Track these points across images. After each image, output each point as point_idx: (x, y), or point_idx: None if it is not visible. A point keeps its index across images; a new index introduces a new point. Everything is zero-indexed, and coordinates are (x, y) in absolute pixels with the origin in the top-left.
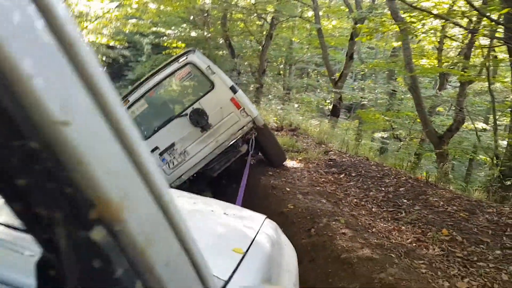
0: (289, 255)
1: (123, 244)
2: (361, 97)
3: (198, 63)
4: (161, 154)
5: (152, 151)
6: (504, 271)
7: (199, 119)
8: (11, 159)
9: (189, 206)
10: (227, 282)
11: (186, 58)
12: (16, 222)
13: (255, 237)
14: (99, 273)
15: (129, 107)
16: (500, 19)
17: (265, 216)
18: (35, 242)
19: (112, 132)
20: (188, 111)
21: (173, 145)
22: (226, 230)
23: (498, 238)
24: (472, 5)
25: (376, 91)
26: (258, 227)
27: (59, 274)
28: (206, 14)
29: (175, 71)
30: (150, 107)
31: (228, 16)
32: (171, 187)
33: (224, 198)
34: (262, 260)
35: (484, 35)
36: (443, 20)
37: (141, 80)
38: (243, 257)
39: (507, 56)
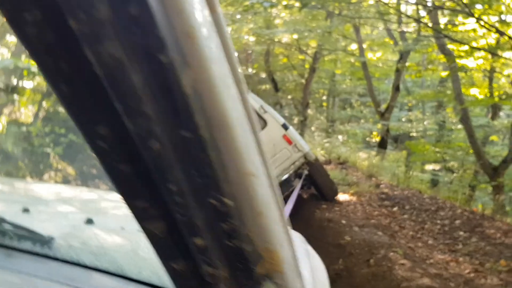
0: (320, 268)
1: None
2: (410, 128)
3: (252, 103)
4: None
5: None
6: None
7: None
8: (200, 218)
9: None
10: None
11: None
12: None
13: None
14: None
15: None
16: None
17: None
18: None
19: (270, 179)
20: None
21: None
22: None
23: None
24: None
25: (425, 122)
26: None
27: None
28: (250, 52)
29: None
30: None
31: (270, 51)
32: None
33: None
34: (307, 276)
35: None
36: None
37: None
38: None
39: None
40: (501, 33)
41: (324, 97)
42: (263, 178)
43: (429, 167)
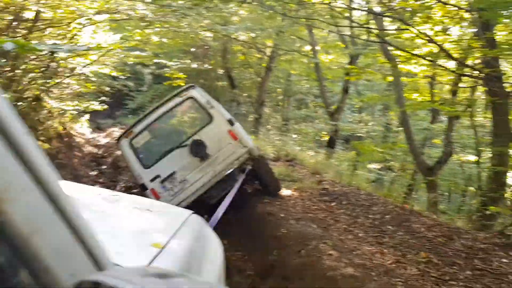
0: (214, 249)
1: (5, 234)
2: (358, 129)
3: (198, 98)
4: (162, 182)
5: (154, 179)
6: None
7: (199, 150)
8: None
9: (111, 203)
10: None
11: (188, 93)
12: None
13: (176, 232)
14: None
15: (133, 138)
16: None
17: (191, 212)
18: None
19: None
20: (189, 142)
21: (173, 173)
22: (147, 225)
23: (470, 261)
24: (451, 56)
25: (371, 123)
26: (181, 222)
27: None
28: (207, 47)
29: (177, 105)
30: (153, 138)
31: (228, 48)
32: None
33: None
34: (180, 253)
35: (466, 76)
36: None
37: (146, 112)
38: (160, 251)
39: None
40: (433, 42)
41: (280, 97)
42: None
43: (373, 166)
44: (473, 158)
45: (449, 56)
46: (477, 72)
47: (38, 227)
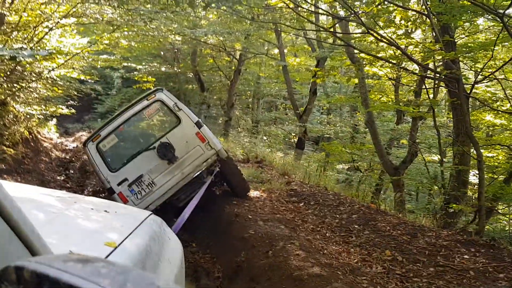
0: (173, 249)
1: None
2: (327, 130)
3: (166, 100)
4: (129, 185)
5: (121, 182)
6: (435, 285)
7: (166, 152)
8: None
9: (68, 205)
10: None
11: (155, 96)
12: None
13: (132, 232)
14: None
15: (100, 141)
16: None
17: (149, 213)
18: None
19: None
20: (156, 144)
21: (141, 176)
22: (103, 226)
23: (433, 258)
24: (411, 58)
25: (339, 125)
26: (139, 223)
27: None
28: (176, 50)
29: (144, 108)
30: (120, 141)
31: (197, 52)
32: None
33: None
34: (134, 252)
35: (428, 77)
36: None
37: (112, 116)
38: (113, 250)
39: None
40: (394, 45)
41: (250, 99)
42: None
43: (341, 167)
44: (437, 157)
45: (410, 59)
46: (438, 74)
47: None
